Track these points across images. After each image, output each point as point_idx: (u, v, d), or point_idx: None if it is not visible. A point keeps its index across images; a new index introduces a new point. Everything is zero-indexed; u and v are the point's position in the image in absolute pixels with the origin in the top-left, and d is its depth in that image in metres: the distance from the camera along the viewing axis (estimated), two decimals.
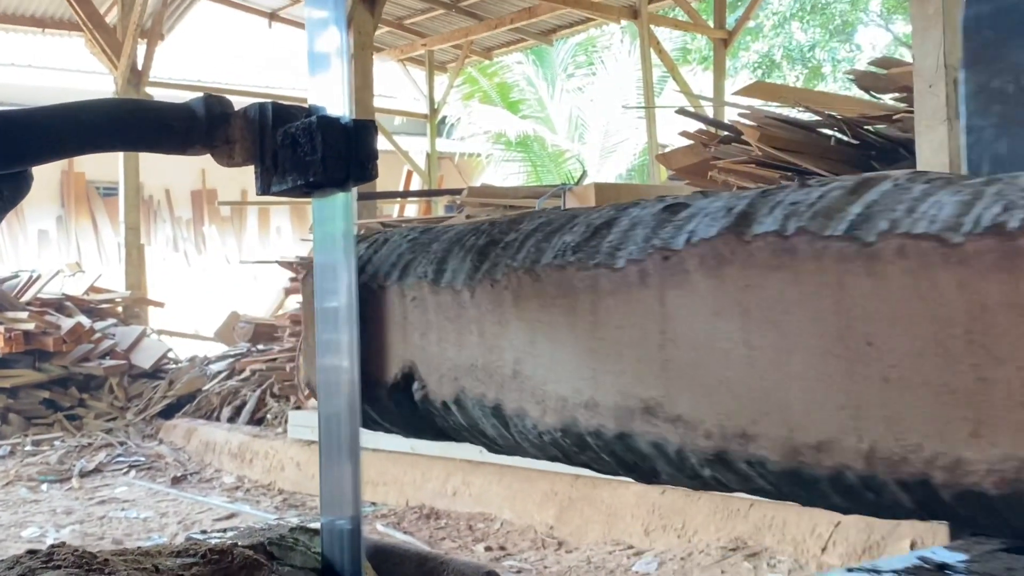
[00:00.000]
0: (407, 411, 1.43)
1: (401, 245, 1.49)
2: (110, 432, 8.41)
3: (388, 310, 1.42)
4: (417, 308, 1.37)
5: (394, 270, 1.43)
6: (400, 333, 1.41)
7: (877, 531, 3.84)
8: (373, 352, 1.44)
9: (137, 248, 11.32)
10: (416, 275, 1.38)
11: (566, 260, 1.14)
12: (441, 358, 1.33)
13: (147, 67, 11.34)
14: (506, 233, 1.29)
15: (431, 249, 1.39)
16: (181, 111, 1.45)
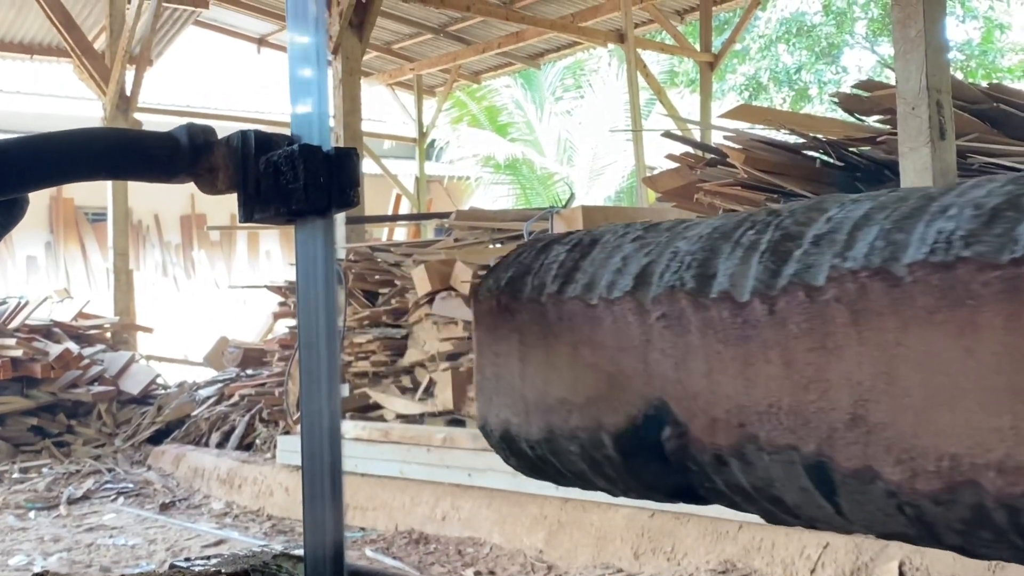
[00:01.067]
0: (642, 463, 1.18)
1: (622, 246, 1.25)
2: (98, 459, 8.38)
3: (614, 332, 1.18)
4: (668, 328, 1.10)
5: (620, 278, 1.19)
6: (638, 362, 1.15)
7: (866, 552, 3.84)
8: (582, 387, 1.22)
9: (126, 273, 11.29)
10: (663, 284, 1.12)
11: (956, 255, 0.84)
12: (714, 395, 1.05)
13: (136, 93, 11.35)
14: (804, 224, 1.02)
15: (677, 249, 1.15)
16: (164, 140, 1.46)
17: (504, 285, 1.39)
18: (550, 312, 1.28)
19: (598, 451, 1.20)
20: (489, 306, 1.38)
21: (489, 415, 1.39)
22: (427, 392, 6.58)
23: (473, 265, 6.33)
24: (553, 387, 1.28)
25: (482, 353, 1.41)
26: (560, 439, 1.25)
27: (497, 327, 1.39)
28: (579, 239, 1.33)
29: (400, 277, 6.93)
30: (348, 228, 8.47)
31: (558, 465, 1.30)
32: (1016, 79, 19.95)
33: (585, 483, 1.32)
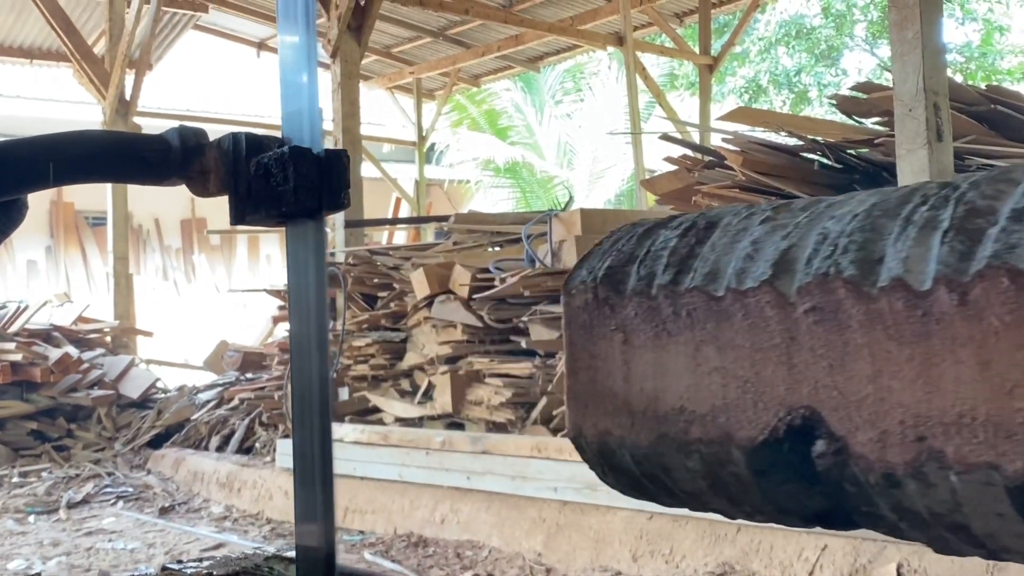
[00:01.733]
0: (778, 482, 1.04)
1: (749, 229, 1.10)
2: (98, 463, 8.38)
3: (748, 329, 1.04)
4: (821, 324, 0.96)
5: (753, 265, 1.04)
6: (780, 364, 1.01)
7: (864, 554, 3.84)
8: (706, 393, 1.09)
9: (126, 278, 11.29)
10: (812, 271, 0.97)
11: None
12: (883, 404, 0.91)
13: (135, 97, 11.36)
14: (994, 197, 0.88)
15: (826, 230, 1.00)
16: (156, 143, 1.46)
17: (602, 277, 1.23)
18: (662, 306, 1.13)
19: (724, 468, 1.06)
20: (583, 300, 1.23)
21: (584, 425, 1.24)
22: (426, 395, 6.58)
23: (472, 268, 6.33)
24: (667, 394, 1.13)
25: (575, 354, 1.25)
26: (674, 454, 1.11)
27: (594, 324, 1.23)
28: (691, 222, 1.18)
29: (399, 280, 6.94)
30: (347, 232, 8.47)
31: (668, 483, 1.17)
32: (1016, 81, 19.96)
33: (698, 503, 1.18)
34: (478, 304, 6.14)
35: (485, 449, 5.54)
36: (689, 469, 1.11)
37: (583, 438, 1.26)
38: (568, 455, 5.09)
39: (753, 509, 1.11)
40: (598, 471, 1.29)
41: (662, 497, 1.23)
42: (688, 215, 1.23)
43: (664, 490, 1.20)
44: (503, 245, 7.22)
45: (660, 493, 1.22)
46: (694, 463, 1.09)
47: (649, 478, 1.18)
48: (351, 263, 7.39)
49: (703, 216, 1.19)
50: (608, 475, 1.27)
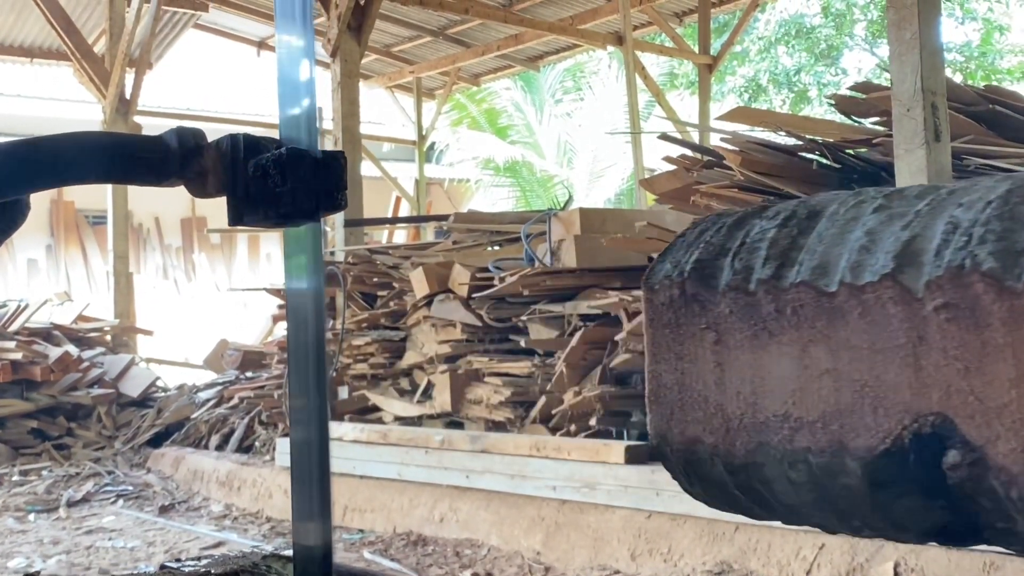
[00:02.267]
0: (896, 495, 0.97)
1: (860, 218, 1.02)
2: (98, 461, 8.39)
3: (866, 327, 0.96)
4: (954, 322, 0.88)
5: (870, 258, 0.96)
6: (904, 366, 0.92)
7: (861, 553, 3.85)
8: (815, 399, 1.01)
9: (126, 276, 11.31)
10: (943, 264, 0.89)
11: None
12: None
13: (135, 96, 11.37)
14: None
15: (955, 219, 0.92)
16: (155, 144, 1.47)
17: (690, 271, 1.15)
18: (763, 303, 1.05)
19: (834, 480, 0.98)
20: (669, 297, 1.14)
21: (669, 432, 1.16)
22: (425, 394, 6.60)
23: (471, 267, 6.34)
24: (769, 399, 1.05)
25: (659, 356, 1.17)
26: (776, 464, 1.03)
27: (681, 323, 1.15)
28: (790, 211, 1.10)
29: (398, 280, 6.95)
30: (347, 231, 8.48)
31: (765, 495, 1.09)
32: (1015, 81, 19.96)
33: (797, 517, 1.10)
34: (477, 303, 6.15)
35: (484, 448, 5.55)
36: (792, 481, 1.03)
37: (667, 446, 1.18)
38: (567, 454, 5.11)
39: (863, 523, 1.03)
40: (683, 481, 1.22)
41: (755, 510, 1.16)
42: (784, 203, 1.16)
43: (759, 503, 1.12)
44: (502, 244, 7.24)
45: (754, 506, 1.14)
46: (799, 474, 1.01)
47: (744, 490, 1.11)
48: (351, 262, 7.40)
49: (803, 205, 1.11)
50: (695, 486, 1.20)
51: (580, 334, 5.58)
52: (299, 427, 1.47)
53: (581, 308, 5.70)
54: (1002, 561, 3.52)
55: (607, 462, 4.87)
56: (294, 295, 1.47)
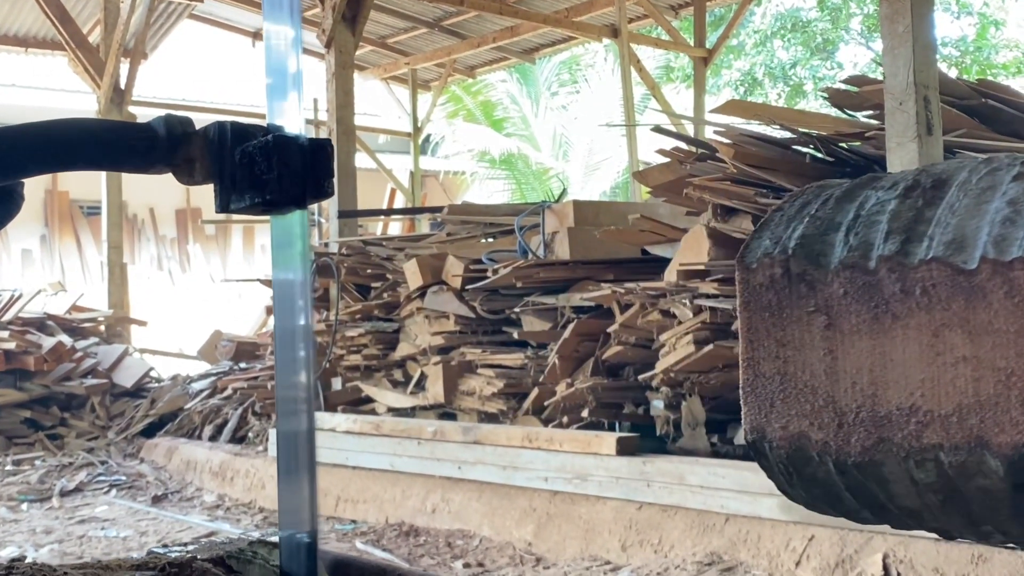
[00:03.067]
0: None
1: (998, 186, 0.90)
2: (91, 451, 8.39)
3: (1012, 308, 0.86)
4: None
5: (1017, 231, 0.86)
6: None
7: (850, 544, 3.86)
8: (950, 390, 0.90)
9: (120, 267, 11.30)
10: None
11: None
12: None
13: (130, 86, 11.35)
14: None
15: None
16: (143, 131, 1.47)
17: (795, 247, 1.04)
18: (885, 283, 0.95)
19: (970, 480, 0.88)
20: (769, 277, 1.03)
21: (768, 426, 1.05)
22: (418, 385, 6.60)
23: (465, 259, 6.35)
24: (892, 390, 0.95)
25: (756, 343, 1.06)
26: (899, 463, 0.93)
27: (784, 306, 1.04)
28: (912, 181, 0.99)
29: (392, 271, 6.95)
30: (341, 222, 8.48)
31: (881, 497, 0.99)
32: (1010, 75, 19.98)
33: (916, 521, 0.99)
34: (471, 295, 6.16)
35: (476, 439, 5.56)
36: (917, 481, 0.94)
37: (766, 442, 1.07)
38: (559, 445, 5.12)
39: (995, 529, 0.93)
40: (782, 480, 1.10)
41: (864, 513, 1.05)
42: (901, 172, 1.04)
43: (871, 506, 1.02)
44: (496, 236, 7.25)
45: (863, 509, 1.04)
46: (926, 474, 0.92)
47: (856, 491, 1.01)
48: (344, 253, 7.40)
49: (925, 173, 1.00)
50: (796, 486, 1.08)
51: (573, 326, 5.59)
52: (286, 415, 1.48)
53: (574, 300, 5.71)
54: (990, 553, 3.54)
55: (599, 453, 4.88)
56: (281, 285, 1.48)
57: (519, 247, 6.39)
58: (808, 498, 1.10)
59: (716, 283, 4.80)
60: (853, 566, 3.81)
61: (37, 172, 1.51)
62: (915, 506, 0.97)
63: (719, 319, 4.83)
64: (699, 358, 4.84)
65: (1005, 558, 3.50)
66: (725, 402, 5.06)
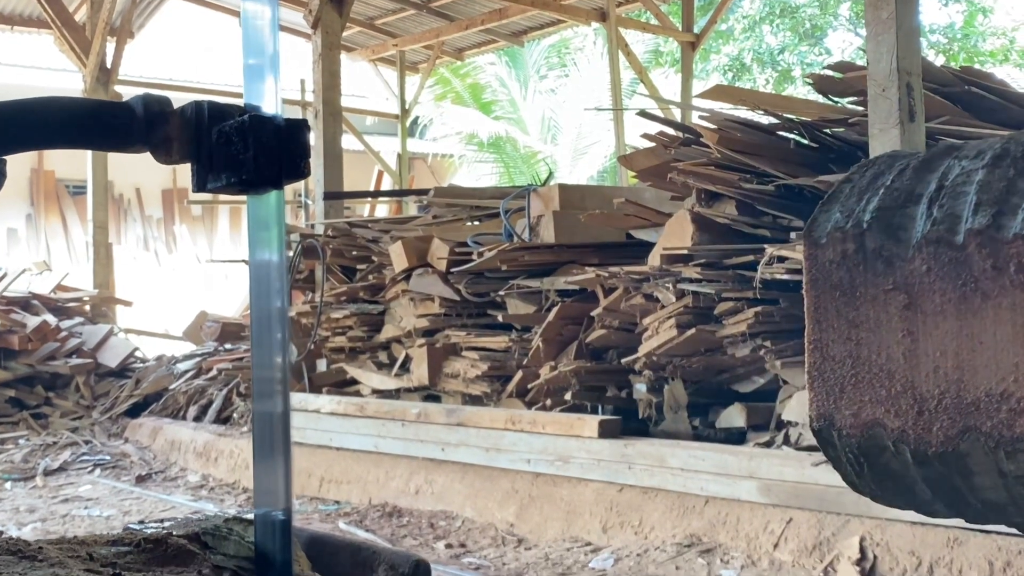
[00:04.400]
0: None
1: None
2: (75, 431, 8.39)
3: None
4: None
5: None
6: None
7: (828, 527, 3.90)
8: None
9: (105, 247, 11.27)
10: None
11: None
12: None
13: (116, 65, 11.30)
14: None
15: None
16: (121, 110, 1.48)
17: (871, 221, 0.96)
18: (974, 259, 0.87)
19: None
20: (840, 252, 0.95)
21: (837, 413, 0.97)
22: (403, 367, 6.62)
23: (450, 242, 6.36)
24: (981, 375, 0.87)
25: (825, 323, 0.98)
26: (987, 453, 0.86)
27: (857, 284, 0.97)
28: (999, 149, 0.91)
29: (378, 253, 6.96)
30: (327, 204, 8.47)
31: (962, 489, 0.91)
32: (998, 63, 20.02)
33: (997, 515, 0.92)
34: (456, 277, 6.17)
35: (460, 421, 5.58)
36: (1006, 473, 0.86)
37: (835, 430, 0.99)
38: (541, 428, 5.14)
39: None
40: (850, 471, 1.02)
41: (936, 506, 0.97)
42: (985, 141, 0.96)
43: (949, 499, 0.95)
44: (482, 219, 7.25)
45: (938, 501, 0.97)
46: (1018, 465, 0.85)
47: (934, 483, 0.94)
48: (330, 235, 7.40)
49: (1015, 142, 0.92)
50: (865, 476, 1.01)
51: (557, 309, 5.61)
52: (262, 395, 1.49)
53: (558, 283, 5.72)
54: (965, 536, 3.58)
55: (581, 436, 4.91)
56: (257, 265, 1.49)
57: (504, 230, 6.40)
58: (878, 490, 1.02)
59: (699, 268, 4.83)
60: (830, 548, 3.85)
61: (13, 150, 1.51)
62: (1000, 500, 0.89)
63: (701, 303, 4.85)
64: (681, 342, 4.87)
65: (980, 541, 3.54)
66: (707, 386, 5.10)
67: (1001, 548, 3.47)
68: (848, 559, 3.73)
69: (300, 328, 7.30)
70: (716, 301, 4.79)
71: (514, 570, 4.39)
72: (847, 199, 1.00)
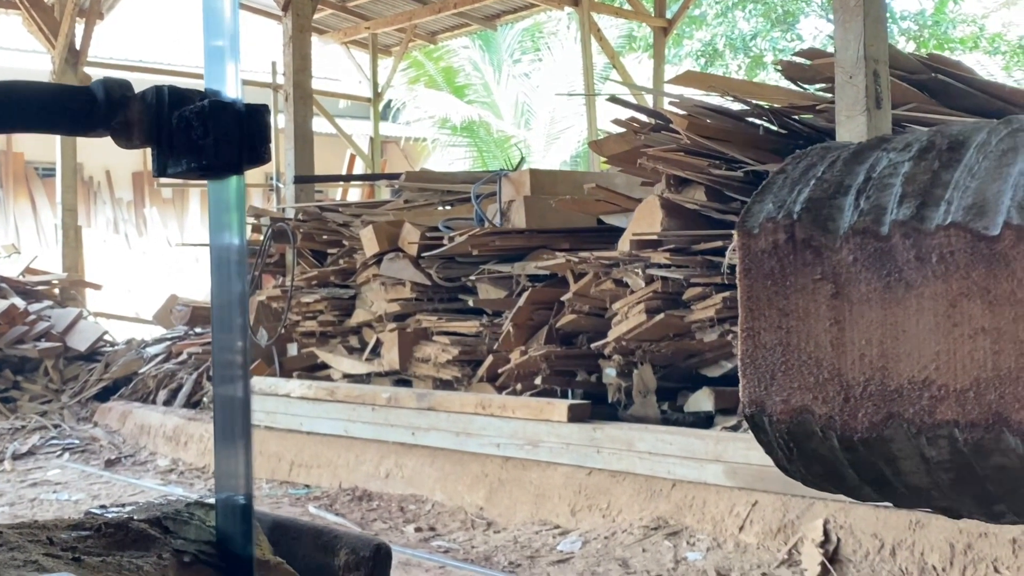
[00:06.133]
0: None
1: (1021, 148, 0.86)
2: (44, 415, 8.34)
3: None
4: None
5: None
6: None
7: (793, 510, 3.94)
8: (968, 363, 0.85)
9: (75, 230, 11.18)
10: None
11: None
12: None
13: (85, 47, 11.19)
14: None
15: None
16: (81, 94, 1.47)
17: (801, 212, 0.99)
18: (898, 249, 0.90)
19: (986, 459, 0.84)
20: (772, 242, 0.99)
21: (768, 400, 1.00)
22: (374, 352, 6.62)
23: (421, 226, 6.35)
24: (904, 363, 0.90)
25: (756, 312, 1.01)
26: (909, 439, 0.89)
27: (788, 273, 0.99)
28: (926, 142, 0.94)
29: (349, 237, 6.94)
30: (297, 187, 8.44)
31: (888, 475, 0.95)
32: (968, 50, 20.15)
33: (923, 500, 0.96)
34: (427, 262, 6.17)
35: (430, 406, 5.59)
36: (928, 459, 0.89)
37: (765, 416, 1.02)
38: (511, 412, 5.16)
39: (1008, 509, 0.89)
40: (781, 455, 1.04)
41: (865, 490, 0.99)
42: (913, 134, 0.98)
43: (877, 482, 0.97)
44: (454, 204, 7.25)
45: (865, 486, 0.99)
46: (939, 452, 0.87)
47: (860, 468, 0.97)
48: (301, 219, 7.38)
49: (940, 134, 0.95)
50: (795, 462, 1.04)
51: (527, 294, 5.63)
52: (223, 380, 1.50)
53: (529, 269, 5.74)
54: (927, 519, 3.63)
55: (550, 420, 4.94)
56: (218, 250, 1.49)
57: (476, 215, 6.41)
58: (807, 474, 1.05)
59: (668, 253, 4.85)
60: (795, 531, 3.89)
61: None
62: (924, 484, 0.93)
63: (670, 288, 4.88)
64: (650, 327, 4.90)
65: (942, 524, 3.59)
66: (676, 370, 5.13)
67: (963, 531, 3.52)
68: (812, 541, 3.77)
69: (271, 312, 7.28)
70: (685, 286, 4.82)
71: (483, 553, 4.42)
72: (779, 190, 1.02)
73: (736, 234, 1.06)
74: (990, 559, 3.40)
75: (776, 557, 3.87)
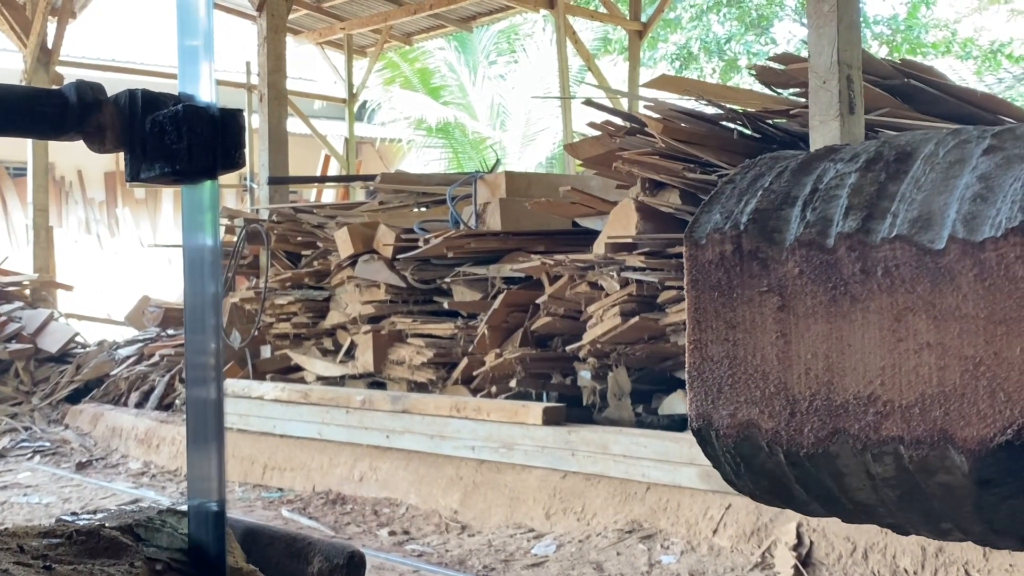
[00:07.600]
0: (1006, 495, 0.79)
1: (967, 160, 0.81)
2: (15, 417, 8.26)
3: (986, 293, 0.77)
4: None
5: (989, 208, 0.77)
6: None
7: (766, 513, 3.96)
8: (912, 378, 0.80)
9: (46, 230, 11.09)
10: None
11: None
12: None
13: (57, 46, 11.10)
14: None
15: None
16: (53, 97, 1.46)
17: (748, 223, 0.97)
18: (844, 262, 0.88)
19: (930, 476, 0.81)
20: (719, 253, 0.97)
21: (715, 413, 0.99)
22: (348, 354, 6.60)
23: (396, 228, 6.34)
24: (849, 378, 0.88)
25: (704, 324, 0.99)
26: (855, 455, 0.86)
27: (735, 285, 0.97)
28: (873, 153, 0.92)
29: (323, 239, 6.92)
30: (272, 188, 8.40)
31: (834, 490, 0.91)
32: (940, 55, 20.32)
33: (869, 516, 0.92)
34: (402, 264, 6.16)
35: (405, 408, 5.58)
36: (873, 475, 0.87)
37: (712, 430, 1.01)
38: (486, 415, 5.16)
39: (955, 526, 0.86)
40: (728, 471, 1.03)
41: (812, 506, 0.98)
42: (862, 144, 0.97)
43: (822, 499, 0.95)
44: (429, 206, 7.24)
45: (813, 501, 0.97)
46: (884, 468, 0.85)
47: (807, 483, 0.94)
48: (275, 220, 7.35)
49: (888, 145, 0.93)
50: (742, 476, 1.02)
51: (503, 297, 5.63)
52: (195, 384, 1.49)
53: (504, 271, 5.74)
54: None
55: (525, 423, 4.93)
56: (191, 253, 1.48)
57: (451, 217, 6.40)
58: (755, 489, 1.03)
59: (643, 256, 4.86)
60: (768, 534, 3.91)
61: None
62: (870, 501, 0.90)
63: (645, 291, 4.89)
64: (625, 330, 4.91)
65: None
66: (650, 373, 5.14)
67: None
68: (785, 545, 3.79)
69: (244, 314, 7.25)
70: (659, 289, 4.83)
71: (457, 556, 4.41)
72: (727, 200, 1.03)
73: (684, 244, 1.06)
74: (961, 562, 3.42)
75: (750, 560, 3.89)
